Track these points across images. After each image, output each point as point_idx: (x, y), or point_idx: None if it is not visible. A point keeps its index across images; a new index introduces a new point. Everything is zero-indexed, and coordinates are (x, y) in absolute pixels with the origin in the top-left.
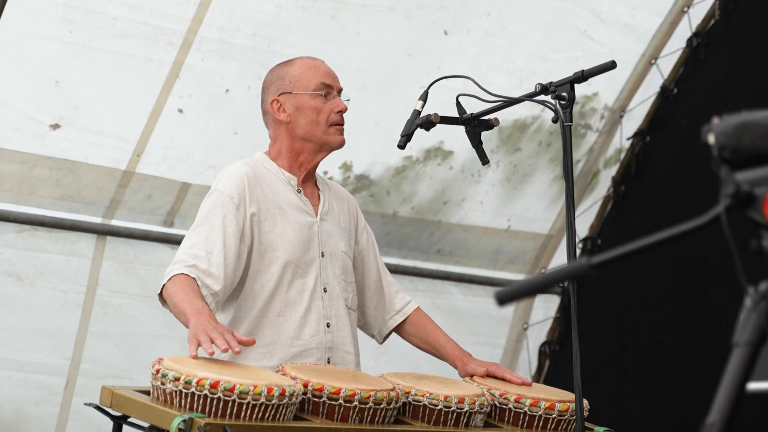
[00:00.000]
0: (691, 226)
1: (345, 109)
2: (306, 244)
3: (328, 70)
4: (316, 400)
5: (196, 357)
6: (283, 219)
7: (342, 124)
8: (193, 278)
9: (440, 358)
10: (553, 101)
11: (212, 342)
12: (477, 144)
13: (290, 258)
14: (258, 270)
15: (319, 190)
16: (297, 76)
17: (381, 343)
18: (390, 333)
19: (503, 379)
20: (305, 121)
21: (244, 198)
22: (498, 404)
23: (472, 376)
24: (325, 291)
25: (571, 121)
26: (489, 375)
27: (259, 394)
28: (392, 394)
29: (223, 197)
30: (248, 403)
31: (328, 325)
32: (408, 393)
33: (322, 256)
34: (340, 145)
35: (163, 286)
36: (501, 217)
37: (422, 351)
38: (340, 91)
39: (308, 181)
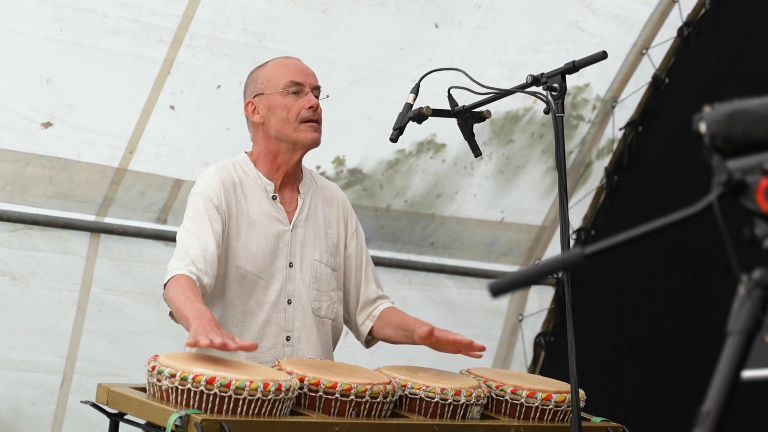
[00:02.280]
0: (684, 215)
1: (316, 105)
2: (271, 255)
3: (301, 67)
4: (313, 394)
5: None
6: (249, 229)
7: (315, 121)
8: (193, 279)
9: (407, 336)
10: (544, 92)
11: (209, 339)
12: (469, 136)
13: (250, 269)
14: (221, 274)
15: (300, 194)
16: (267, 76)
17: (367, 348)
18: (370, 338)
19: (454, 342)
20: (276, 120)
21: (221, 201)
22: (494, 396)
23: (425, 338)
24: (290, 303)
25: (563, 112)
26: (438, 337)
27: (255, 389)
28: (388, 387)
29: (203, 198)
30: (244, 398)
31: (288, 338)
32: (404, 386)
33: (290, 266)
34: (313, 142)
35: (165, 284)
36: (494, 209)
37: (396, 342)
38: (316, 88)
39: (287, 186)
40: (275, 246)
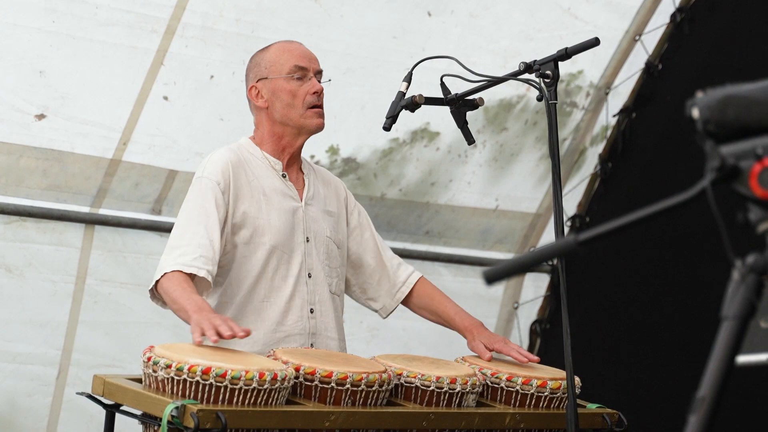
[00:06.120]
0: (678, 200)
1: (320, 90)
2: (291, 229)
3: (304, 52)
4: (308, 383)
5: (200, 343)
6: (268, 204)
7: (320, 106)
8: (187, 274)
9: (451, 329)
10: (537, 80)
11: (216, 330)
12: (462, 124)
13: (276, 243)
14: (244, 255)
15: (304, 174)
16: (271, 60)
17: (384, 318)
18: (395, 307)
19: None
20: (281, 104)
21: (228, 184)
22: (490, 383)
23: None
24: (310, 276)
25: (556, 99)
26: (495, 351)
27: (251, 379)
28: (384, 376)
29: (210, 183)
30: (240, 388)
31: (311, 311)
32: (400, 375)
33: (307, 241)
34: (318, 128)
35: (162, 276)
36: (489, 197)
37: (432, 322)
38: (319, 72)
39: (293, 166)
40: (293, 220)
